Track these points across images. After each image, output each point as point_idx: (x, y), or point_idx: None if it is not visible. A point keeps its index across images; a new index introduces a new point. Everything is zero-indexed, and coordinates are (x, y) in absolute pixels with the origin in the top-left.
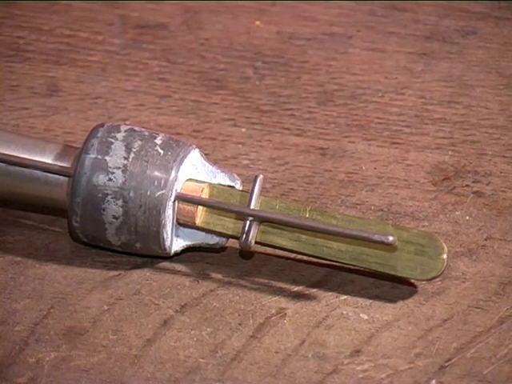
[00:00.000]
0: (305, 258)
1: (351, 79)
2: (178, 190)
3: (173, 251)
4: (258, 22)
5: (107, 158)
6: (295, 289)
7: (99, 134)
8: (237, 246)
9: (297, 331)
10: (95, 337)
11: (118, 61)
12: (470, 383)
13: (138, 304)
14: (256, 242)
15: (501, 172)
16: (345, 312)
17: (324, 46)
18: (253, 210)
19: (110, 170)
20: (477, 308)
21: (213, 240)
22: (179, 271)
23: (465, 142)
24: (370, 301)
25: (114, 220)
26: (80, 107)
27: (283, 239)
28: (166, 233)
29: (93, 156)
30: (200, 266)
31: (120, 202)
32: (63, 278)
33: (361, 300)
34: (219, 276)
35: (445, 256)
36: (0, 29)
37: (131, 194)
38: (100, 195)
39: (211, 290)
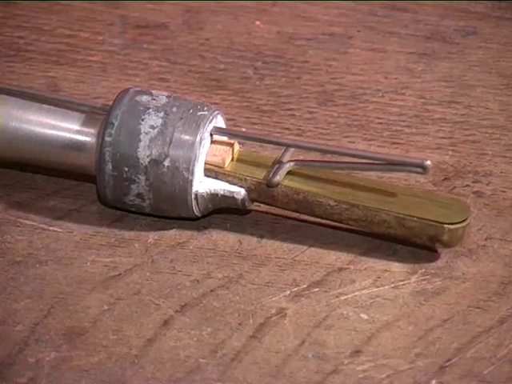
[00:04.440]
0: (305, 258)
1: (351, 79)
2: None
3: (195, 189)
4: (258, 22)
5: (152, 91)
6: (295, 289)
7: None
8: (240, 244)
9: (297, 331)
10: (95, 337)
11: (118, 61)
12: (470, 383)
13: (138, 304)
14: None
15: (501, 172)
16: (345, 312)
17: (324, 46)
18: (291, 139)
19: (155, 94)
20: (477, 308)
21: (236, 188)
22: (179, 271)
23: (465, 142)
24: (371, 301)
25: (150, 130)
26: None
27: (309, 186)
28: (198, 150)
29: (137, 89)
30: (200, 266)
31: (161, 114)
32: (63, 278)
33: (361, 300)
34: (219, 276)
35: (469, 210)
36: (0, 29)
37: (173, 109)
38: (141, 108)
39: (211, 290)
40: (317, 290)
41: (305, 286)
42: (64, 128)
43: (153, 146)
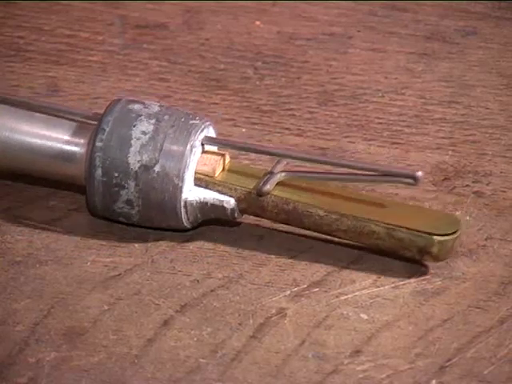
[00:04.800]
0: (305, 258)
1: (351, 79)
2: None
3: (184, 196)
4: (258, 22)
5: (144, 101)
6: (295, 289)
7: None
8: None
9: (297, 331)
10: (95, 337)
11: (118, 61)
12: (470, 383)
13: (138, 304)
14: (273, 197)
15: (501, 172)
16: (345, 312)
17: (324, 46)
18: (281, 149)
19: (147, 104)
20: (477, 308)
21: (225, 197)
22: (179, 271)
23: (465, 142)
24: (371, 301)
25: (142, 136)
26: (80, 107)
27: (300, 197)
28: (189, 157)
29: (129, 99)
30: (200, 266)
31: (153, 121)
32: (63, 278)
33: (361, 300)
34: (219, 276)
35: (459, 223)
36: (0, 29)
37: (165, 117)
38: (133, 115)
39: (211, 290)
40: (317, 289)
41: (305, 285)
42: (54, 138)
43: (143, 152)
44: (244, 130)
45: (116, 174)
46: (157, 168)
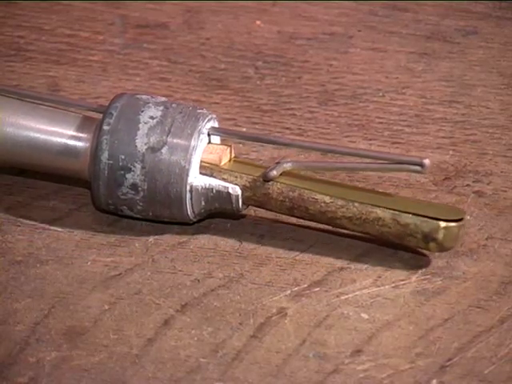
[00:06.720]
0: (306, 257)
1: (352, 79)
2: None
3: (190, 180)
4: (258, 22)
5: (151, 94)
6: (296, 288)
7: None
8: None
9: (297, 331)
10: (96, 336)
11: (118, 60)
12: (471, 383)
13: (138, 303)
14: (278, 183)
15: (501, 172)
16: (345, 312)
17: (325, 46)
18: (290, 138)
19: (153, 96)
20: (478, 308)
21: (231, 185)
22: (180, 271)
23: (465, 141)
24: (371, 300)
25: (149, 120)
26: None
27: (305, 185)
28: (197, 141)
29: (135, 92)
30: (201, 266)
31: (161, 108)
32: (64, 277)
33: (361, 300)
34: (220, 275)
35: (464, 213)
36: (1, 28)
37: (173, 105)
38: (141, 102)
39: (212, 290)
40: (317, 289)
41: (305, 285)
42: (58, 133)
43: (151, 135)
44: (245, 129)
45: (123, 157)
46: (164, 150)
